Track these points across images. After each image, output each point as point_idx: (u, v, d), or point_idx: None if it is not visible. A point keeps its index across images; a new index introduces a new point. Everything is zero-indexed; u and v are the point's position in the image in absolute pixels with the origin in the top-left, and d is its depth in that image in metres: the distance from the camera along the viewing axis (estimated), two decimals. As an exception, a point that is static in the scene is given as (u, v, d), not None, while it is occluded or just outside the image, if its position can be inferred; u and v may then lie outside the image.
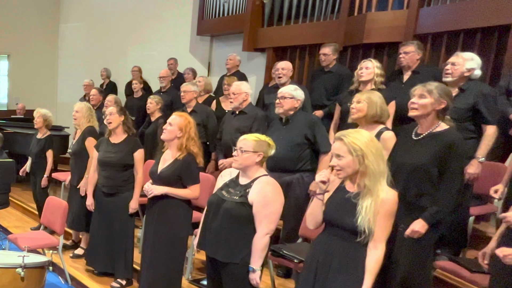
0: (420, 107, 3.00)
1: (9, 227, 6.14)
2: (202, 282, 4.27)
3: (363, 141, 2.49)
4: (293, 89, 4.16)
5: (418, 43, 4.65)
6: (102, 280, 4.58)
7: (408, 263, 3.02)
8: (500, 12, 4.51)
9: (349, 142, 2.50)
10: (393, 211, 2.50)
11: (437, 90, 2.98)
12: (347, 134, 2.54)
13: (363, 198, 2.48)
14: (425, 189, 2.98)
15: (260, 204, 2.91)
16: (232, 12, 7.52)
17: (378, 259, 2.48)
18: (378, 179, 2.47)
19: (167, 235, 3.66)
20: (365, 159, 2.47)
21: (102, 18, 9.70)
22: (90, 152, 5.03)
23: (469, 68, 3.71)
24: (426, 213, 2.95)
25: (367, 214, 2.44)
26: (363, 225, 2.44)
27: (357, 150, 2.47)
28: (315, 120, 4.19)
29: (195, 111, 5.44)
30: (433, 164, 2.94)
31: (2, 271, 3.43)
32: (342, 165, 2.52)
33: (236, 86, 4.81)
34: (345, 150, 2.50)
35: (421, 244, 3.01)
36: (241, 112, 4.78)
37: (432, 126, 3.01)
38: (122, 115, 4.40)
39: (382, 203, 2.45)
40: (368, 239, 2.47)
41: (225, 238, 2.98)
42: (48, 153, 5.79)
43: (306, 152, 4.11)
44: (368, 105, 3.56)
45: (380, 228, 2.46)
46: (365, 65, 4.37)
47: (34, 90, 10.15)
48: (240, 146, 3.02)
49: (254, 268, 2.93)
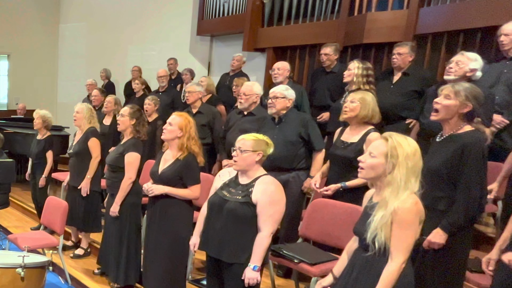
0: (442, 108, 2.87)
1: (9, 227, 6.14)
2: (202, 282, 4.28)
3: (406, 151, 2.31)
4: (284, 89, 4.17)
5: (412, 44, 4.66)
6: (102, 280, 4.58)
7: (437, 281, 2.90)
8: (500, 12, 4.50)
9: (392, 145, 2.32)
10: (410, 221, 2.29)
11: (465, 92, 2.82)
12: (395, 137, 2.36)
13: (378, 210, 2.34)
14: (441, 192, 2.89)
15: (265, 204, 2.91)
16: (232, 12, 7.53)
17: (392, 271, 2.30)
18: (400, 194, 2.30)
19: (169, 235, 3.65)
20: (395, 169, 2.30)
21: (102, 18, 9.71)
22: (93, 152, 5.03)
23: (472, 68, 3.71)
24: (444, 221, 2.84)
25: (376, 228, 2.31)
26: (370, 239, 2.33)
27: (394, 156, 2.31)
28: (308, 119, 4.21)
29: (201, 112, 5.40)
30: (446, 167, 2.85)
31: (2, 271, 3.43)
32: (368, 164, 2.38)
33: (248, 87, 4.72)
34: (381, 151, 2.34)
35: (449, 259, 2.88)
36: (249, 113, 4.73)
37: (454, 128, 2.89)
38: (134, 118, 4.29)
39: (394, 212, 2.28)
40: (387, 252, 2.33)
41: (229, 238, 2.97)
42: (48, 153, 5.79)
43: (301, 150, 4.13)
44: (361, 105, 3.59)
45: (395, 239, 2.29)
46: (349, 66, 4.41)
47: (34, 90, 10.16)
48: (239, 146, 3.02)
49: (256, 265, 2.91)
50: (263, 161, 3.06)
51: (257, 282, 2.93)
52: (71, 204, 4.81)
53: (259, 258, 2.92)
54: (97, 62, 9.34)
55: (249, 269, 2.92)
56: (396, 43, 4.81)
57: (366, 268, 2.41)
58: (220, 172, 3.29)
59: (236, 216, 2.95)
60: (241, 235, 2.95)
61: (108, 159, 4.45)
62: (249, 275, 2.92)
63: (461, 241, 2.90)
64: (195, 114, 5.28)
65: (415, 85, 4.56)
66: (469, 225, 2.90)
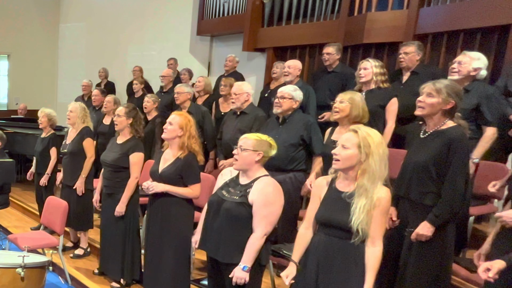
0: (426, 106, 2.98)
1: (9, 227, 6.14)
2: (202, 282, 4.27)
3: (375, 140, 2.51)
4: (293, 90, 4.16)
5: (418, 43, 4.64)
6: (102, 280, 4.58)
7: (421, 267, 2.98)
8: (500, 12, 4.51)
9: (362, 136, 2.51)
10: (388, 208, 2.56)
11: (446, 89, 2.93)
12: (363, 128, 2.57)
13: (359, 197, 2.50)
14: (428, 187, 2.97)
15: (260, 204, 2.90)
16: (232, 12, 7.53)
17: (378, 256, 2.50)
18: (376, 181, 2.49)
19: (171, 235, 3.65)
20: (369, 158, 2.48)
21: (102, 18, 9.71)
22: (88, 152, 5.04)
23: (476, 67, 3.70)
24: (431, 215, 2.92)
25: (360, 214, 2.46)
26: (356, 225, 2.46)
27: (366, 146, 2.49)
28: (312, 122, 4.19)
29: (190, 112, 5.40)
30: (433, 162, 2.93)
31: (2, 271, 3.43)
32: (344, 156, 2.54)
33: (238, 86, 4.78)
34: (354, 143, 2.52)
35: (434, 247, 2.96)
36: (242, 112, 4.77)
37: (438, 124, 3.00)
38: (130, 117, 4.34)
39: (378, 201, 2.47)
40: (365, 237, 2.49)
41: (225, 238, 2.97)
42: (52, 150, 5.76)
43: (300, 153, 4.13)
44: (352, 106, 3.62)
45: (377, 225, 2.48)
46: (363, 66, 4.35)
47: (34, 90, 10.17)
48: (240, 145, 3.02)
49: (246, 265, 2.90)
50: (265, 161, 3.05)
51: (244, 282, 2.91)
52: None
53: (250, 258, 2.91)
54: (97, 62, 9.33)
55: (239, 269, 2.91)
56: (396, 43, 4.81)
57: (350, 256, 2.52)
58: (223, 171, 3.29)
59: (232, 216, 2.95)
60: (237, 235, 2.95)
61: (107, 159, 4.41)
62: (237, 274, 2.91)
63: (446, 234, 2.97)
64: None
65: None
66: (453, 217, 2.97)
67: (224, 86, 5.70)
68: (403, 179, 3.10)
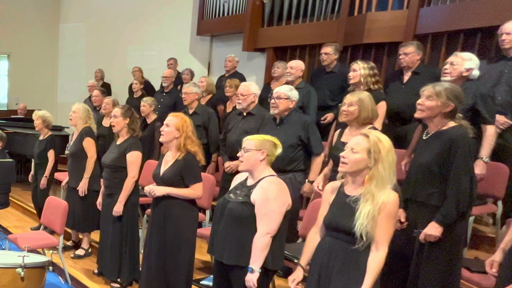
0: (426, 109, 3.00)
1: (9, 227, 6.14)
2: (202, 282, 4.27)
3: (386, 146, 2.48)
4: (289, 90, 4.14)
5: (418, 43, 4.64)
6: (102, 280, 4.58)
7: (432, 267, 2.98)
8: (500, 12, 4.50)
9: (373, 141, 2.47)
10: (394, 213, 2.49)
11: (446, 92, 2.95)
12: (374, 133, 2.53)
13: (364, 203, 2.46)
14: (433, 188, 2.98)
15: (260, 202, 2.88)
16: (232, 12, 7.53)
17: (379, 261, 2.46)
18: (384, 187, 2.45)
19: (173, 236, 3.64)
20: (378, 164, 2.45)
21: (102, 18, 9.71)
22: (89, 152, 5.03)
23: (468, 68, 3.71)
24: (438, 215, 2.92)
25: (365, 220, 2.42)
26: (359, 231, 2.43)
27: (376, 152, 2.46)
28: (309, 122, 4.17)
29: (197, 112, 5.42)
30: (435, 163, 2.94)
31: (2, 271, 3.43)
32: (352, 159, 2.50)
33: (245, 87, 4.70)
34: (363, 147, 2.48)
35: (444, 246, 2.96)
36: (248, 113, 4.70)
37: (439, 125, 3.01)
38: (127, 118, 4.35)
39: (383, 205, 2.43)
40: (371, 242, 2.46)
41: (229, 240, 2.96)
42: (49, 153, 5.77)
43: (299, 153, 4.12)
44: (360, 108, 3.56)
45: (382, 230, 2.44)
46: (352, 67, 4.37)
47: (34, 90, 10.16)
48: (244, 146, 3.01)
49: (253, 268, 2.87)
50: (271, 161, 3.03)
51: (253, 285, 2.86)
52: (71, 206, 4.80)
53: (255, 259, 2.87)
54: (97, 62, 9.33)
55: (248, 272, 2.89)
56: (396, 43, 4.81)
57: (352, 260, 2.50)
58: (236, 176, 3.25)
59: (234, 216, 2.94)
60: (240, 236, 2.93)
61: (106, 160, 4.41)
62: (246, 277, 2.89)
63: (455, 234, 2.97)
64: (191, 114, 5.29)
65: (428, 83, 4.54)
66: (461, 217, 2.96)
67: (229, 87, 5.65)
68: (409, 181, 3.12)
